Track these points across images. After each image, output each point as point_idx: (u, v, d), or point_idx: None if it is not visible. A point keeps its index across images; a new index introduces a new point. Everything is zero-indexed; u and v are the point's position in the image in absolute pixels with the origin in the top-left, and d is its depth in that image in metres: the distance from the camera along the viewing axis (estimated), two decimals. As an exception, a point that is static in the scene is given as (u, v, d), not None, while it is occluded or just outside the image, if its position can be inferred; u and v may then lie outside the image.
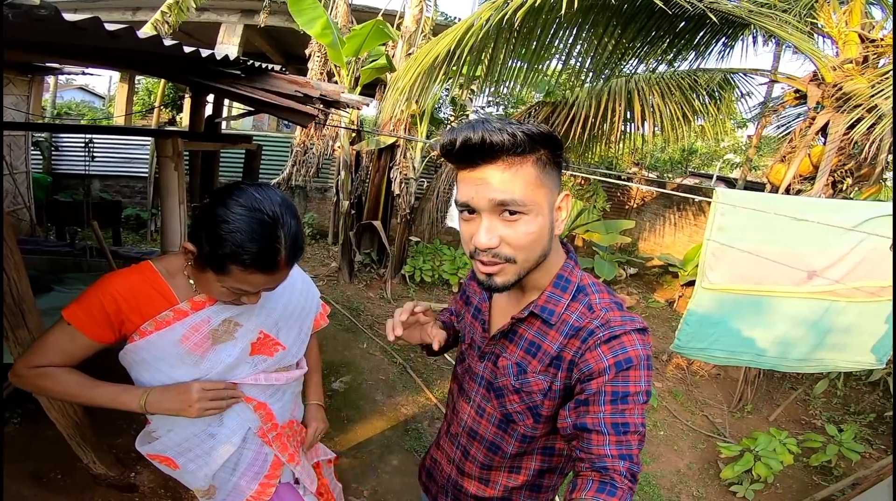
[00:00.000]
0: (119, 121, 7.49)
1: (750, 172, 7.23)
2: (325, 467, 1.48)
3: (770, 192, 4.00)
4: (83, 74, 5.09)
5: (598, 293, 0.84)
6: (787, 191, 3.61)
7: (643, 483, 2.92)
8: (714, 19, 2.50)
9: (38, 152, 6.05)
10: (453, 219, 3.80)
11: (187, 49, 1.05)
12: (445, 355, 4.10)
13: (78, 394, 0.99)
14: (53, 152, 6.33)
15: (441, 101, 5.99)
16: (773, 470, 2.85)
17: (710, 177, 10.11)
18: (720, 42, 3.51)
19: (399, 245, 5.47)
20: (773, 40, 3.78)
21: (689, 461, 3.24)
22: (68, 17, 0.71)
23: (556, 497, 1.05)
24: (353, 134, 5.10)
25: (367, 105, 2.57)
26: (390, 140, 4.84)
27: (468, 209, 0.76)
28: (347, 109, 3.38)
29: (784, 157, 3.85)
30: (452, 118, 6.31)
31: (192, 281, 1.01)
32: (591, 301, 0.83)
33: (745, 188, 6.52)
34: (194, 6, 4.58)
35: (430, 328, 0.98)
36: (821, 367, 2.34)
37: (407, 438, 2.88)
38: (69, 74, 5.37)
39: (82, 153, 5.82)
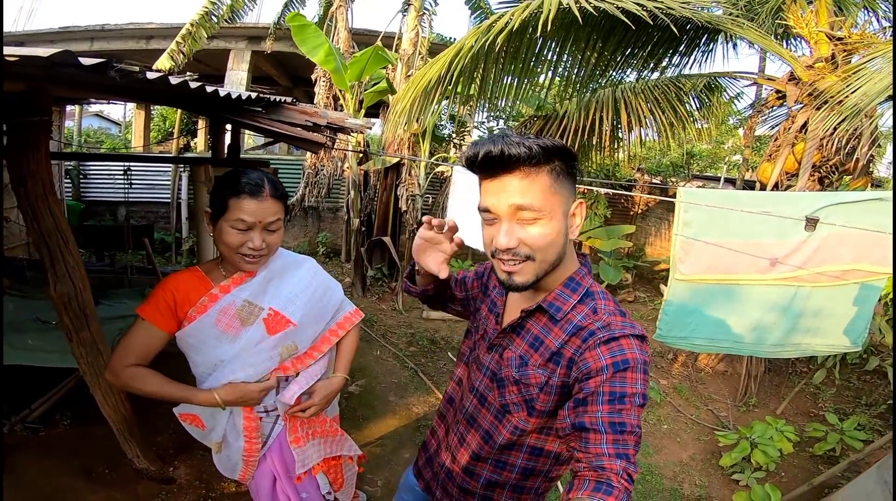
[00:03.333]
0: (139, 148, 7.91)
1: (748, 171, 7.35)
2: (347, 463, 1.66)
3: (760, 189, 4.16)
4: (109, 103, 5.48)
5: (604, 300, 0.90)
6: (776, 187, 3.76)
7: (645, 472, 3.04)
8: (674, 29, 2.72)
9: (69, 180, 6.44)
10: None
11: (222, 92, 1.32)
12: (454, 358, 4.30)
13: (161, 391, 1.23)
14: (82, 180, 6.73)
15: (442, 119, 6.28)
16: (772, 458, 2.92)
17: (718, 179, 10.18)
18: (699, 48, 3.72)
19: (409, 259, 5.70)
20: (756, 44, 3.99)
21: (692, 452, 3.34)
22: (150, 75, 0.97)
23: None
24: (361, 154, 5.40)
25: (370, 128, 2.85)
26: (396, 159, 5.12)
27: (489, 214, 0.85)
28: (353, 132, 3.66)
29: (770, 155, 4.01)
30: (454, 135, 6.59)
31: (223, 271, 1.28)
32: (597, 306, 0.89)
33: (745, 187, 6.65)
34: (206, 36, 4.96)
35: (443, 261, 1.01)
36: (798, 351, 2.46)
37: (418, 434, 3.07)
38: (94, 103, 5.72)
39: (109, 181, 6.23)
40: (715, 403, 4.06)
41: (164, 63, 4.58)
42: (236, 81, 6.86)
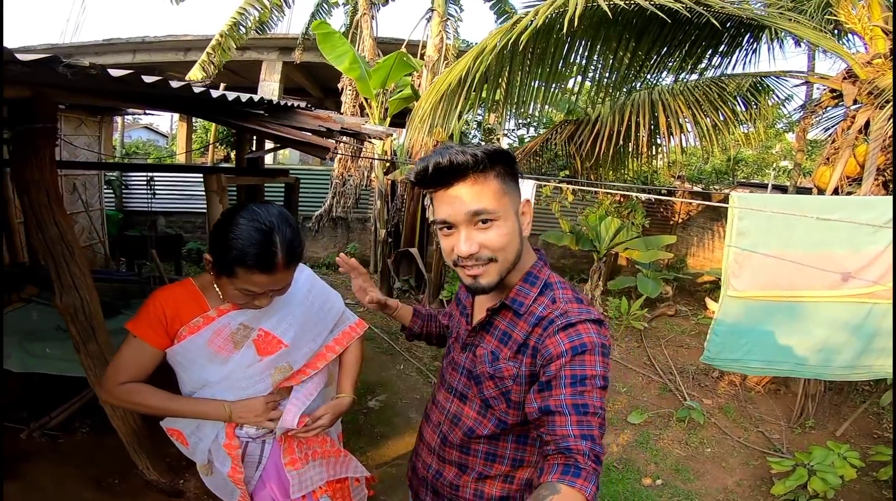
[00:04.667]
0: (181, 158, 8.15)
1: (801, 177, 6.84)
2: (353, 485, 1.53)
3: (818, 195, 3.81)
4: (144, 114, 5.64)
5: (562, 289, 0.95)
6: (836, 193, 3.43)
7: (684, 499, 2.79)
8: (716, 24, 2.49)
9: (111, 191, 6.69)
10: None
11: (215, 93, 1.24)
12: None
13: (164, 406, 1.17)
14: (123, 190, 6.98)
15: (469, 126, 6.18)
16: (832, 485, 2.63)
17: (765, 186, 9.60)
18: (741, 47, 3.45)
19: (436, 271, 5.57)
20: (805, 41, 3.68)
21: (738, 478, 3.04)
22: (113, 72, 0.90)
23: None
24: (388, 164, 5.35)
25: (391, 136, 2.76)
26: (422, 168, 5.01)
27: (446, 225, 0.88)
28: (377, 140, 3.60)
29: (828, 159, 3.68)
30: (482, 143, 6.47)
31: (219, 291, 1.17)
32: (556, 295, 0.93)
33: (798, 194, 6.18)
34: (234, 46, 5.05)
35: (370, 290, 1.24)
36: (870, 374, 2.17)
37: (439, 454, 2.91)
38: (133, 114, 5.93)
39: (149, 191, 6.42)
40: (766, 424, 3.74)
41: (195, 74, 4.68)
42: (268, 92, 7.00)
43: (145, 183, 6.55)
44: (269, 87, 7.10)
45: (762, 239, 1.96)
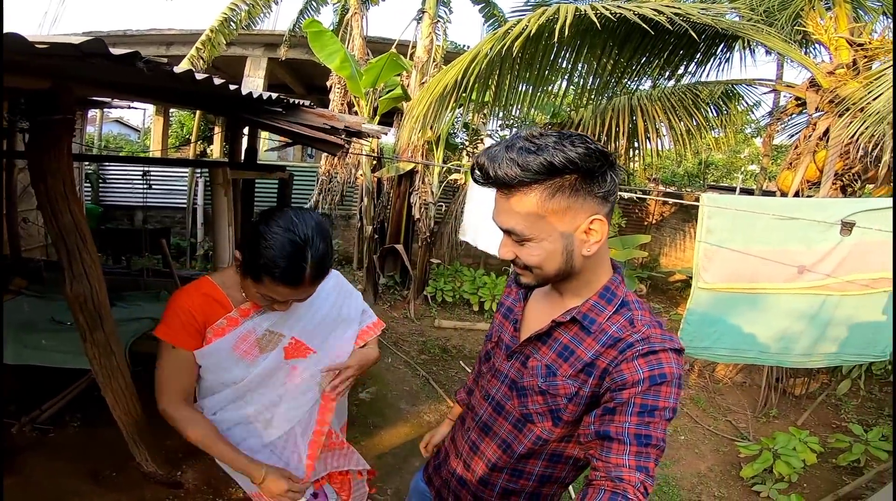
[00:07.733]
0: (157, 153, 8.01)
1: (767, 181, 7.23)
2: (356, 479, 1.56)
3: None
4: (129, 107, 5.45)
5: (640, 310, 0.87)
6: (797, 196, 3.69)
7: (662, 484, 2.97)
8: (693, 34, 2.69)
9: (88, 184, 6.52)
10: (465, 233, 3.98)
11: (244, 91, 1.32)
12: (466, 367, 4.25)
13: (208, 447, 1.16)
14: (101, 184, 6.82)
15: (455, 126, 6.29)
16: (795, 468, 2.86)
17: (733, 190, 10.07)
18: (715, 56, 3.68)
19: (421, 267, 5.66)
20: (774, 51, 3.94)
21: (710, 463, 3.26)
22: (176, 69, 0.97)
23: None
24: (374, 162, 5.40)
25: (386, 134, 2.84)
26: (409, 167, 5.11)
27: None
28: (367, 138, 3.67)
29: (791, 163, 3.94)
30: (467, 143, 6.59)
31: (243, 292, 1.18)
32: (634, 316, 0.86)
33: (763, 196, 6.54)
34: (224, 42, 5.03)
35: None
36: (826, 361, 2.40)
37: (430, 442, 3.01)
38: (111, 107, 5.74)
39: (128, 185, 6.26)
40: (734, 414, 3.98)
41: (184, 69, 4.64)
42: (253, 88, 6.87)
43: (125, 177, 6.41)
44: (254, 83, 7.05)
45: (728, 236, 2.14)
